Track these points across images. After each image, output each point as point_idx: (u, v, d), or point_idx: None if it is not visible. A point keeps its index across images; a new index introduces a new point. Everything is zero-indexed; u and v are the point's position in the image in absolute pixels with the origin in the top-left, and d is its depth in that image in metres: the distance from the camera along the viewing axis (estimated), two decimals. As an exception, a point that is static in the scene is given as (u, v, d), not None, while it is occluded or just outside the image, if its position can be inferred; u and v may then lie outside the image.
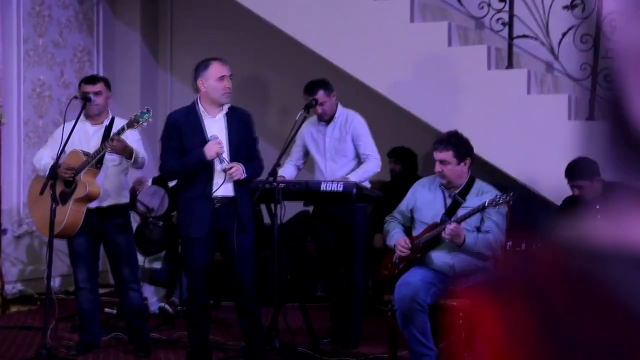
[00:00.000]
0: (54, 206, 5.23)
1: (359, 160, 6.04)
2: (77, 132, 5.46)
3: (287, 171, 6.19)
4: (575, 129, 6.26)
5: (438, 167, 5.08)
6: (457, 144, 5.11)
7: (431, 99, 6.66)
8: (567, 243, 0.93)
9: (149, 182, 7.15)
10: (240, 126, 5.12)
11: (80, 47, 8.45)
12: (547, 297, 0.91)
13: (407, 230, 5.28)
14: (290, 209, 6.41)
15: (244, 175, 4.99)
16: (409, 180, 7.04)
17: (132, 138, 5.46)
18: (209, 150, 4.93)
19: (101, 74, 8.48)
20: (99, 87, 5.66)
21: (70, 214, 5.44)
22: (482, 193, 5.10)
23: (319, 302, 7.33)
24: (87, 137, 5.59)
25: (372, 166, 6.00)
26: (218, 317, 7.05)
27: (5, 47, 7.68)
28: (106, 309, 6.87)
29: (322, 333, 6.10)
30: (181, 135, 5.06)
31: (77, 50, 8.42)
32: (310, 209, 7.14)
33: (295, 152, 6.24)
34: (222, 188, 4.96)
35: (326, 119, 6.07)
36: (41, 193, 5.33)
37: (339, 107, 6.09)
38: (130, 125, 5.15)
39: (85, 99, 5.52)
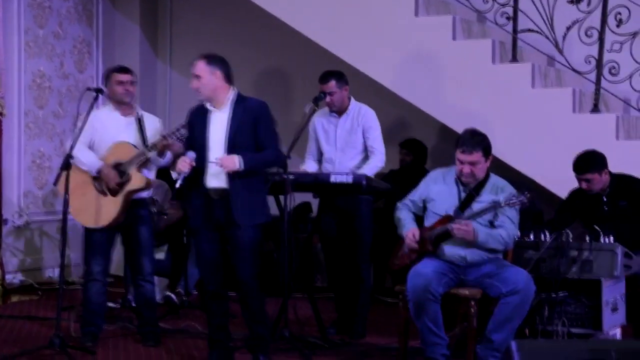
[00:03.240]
0: (67, 196, 5.25)
1: (367, 153, 6.09)
2: (109, 121, 5.51)
3: (309, 166, 6.22)
4: (580, 122, 6.34)
5: (467, 169, 5.10)
6: (483, 142, 5.15)
7: (436, 92, 6.71)
8: None
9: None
10: (246, 117, 5.02)
11: (80, 38, 8.44)
12: None
13: (419, 219, 5.32)
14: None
15: (238, 167, 4.90)
16: (417, 172, 7.12)
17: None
18: (178, 164, 4.97)
19: (100, 65, 8.50)
20: (132, 76, 5.73)
21: (122, 205, 5.50)
22: (497, 189, 5.15)
23: (320, 292, 7.38)
24: (119, 127, 5.63)
25: (377, 161, 6.07)
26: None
27: (6, 38, 7.66)
28: (110, 303, 6.89)
29: (327, 323, 6.15)
30: (192, 128, 5.10)
31: (76, 41, 8.40)
32: (312, 200, 7.20)
33: (312, 146, 6.27)
34: (216, 180, 4.97)
35: (335, 110, 6.11)
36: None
37: (352, 101, 6.14)
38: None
39: (99, 91, 5.54)
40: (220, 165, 4.91)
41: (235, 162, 4.90)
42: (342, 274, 6.23)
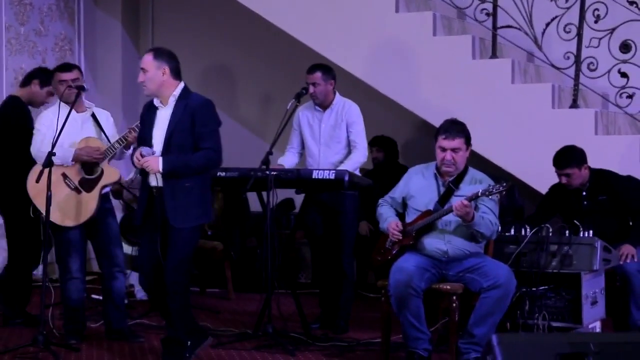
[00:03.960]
0: (49, 193, 5.24)
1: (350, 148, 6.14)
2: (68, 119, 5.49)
3: (288, 159, 6.26)
4: (559, 117, 6.40)
5: (449, 156, 5.14)
6: (464, 130, 5.21)
7: (416, 88, 6.76)
8: None
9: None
10: (186, 115, 4.84)
11: (62, 35, 8.43)
12: None
13: (400, 217, 5.37)
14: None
15: (159, 168, 4.77)
16: (391, 168, 7.17)
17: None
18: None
19: (82, 62, 8.50)
20: (76, 73, 5.71)
21: (99, 199, 5.54)
22: (476, 181, 5.20)
23: (303, 288, 7.42)
24: (77, 125, 5.62)
25: (360, 156, 6.11)
26: (205, 304, 7.13)
27: (-13, 35, 7.66)
28: (93, 295, 6.90)
29: (310, 319, 6.19)
30: (142, 124, 5.05)
31: (58, 38, 8.40)
32: (295, 196, 7.24)
33: (295, 139, 6.31)
34: (155, 178, 4.88)
35: (318, 103, 6.15)
36: (37, 181, 5.33)
37: (337, 96, 6.18)
38: None
39: (80, 88, 5.54)
40: (143, 167, 4.81)
41: (158, 163, 4.78)
42: (327, 270, 6.27)
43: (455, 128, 5.18)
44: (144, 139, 4.96)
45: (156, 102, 4.96)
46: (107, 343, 5.72)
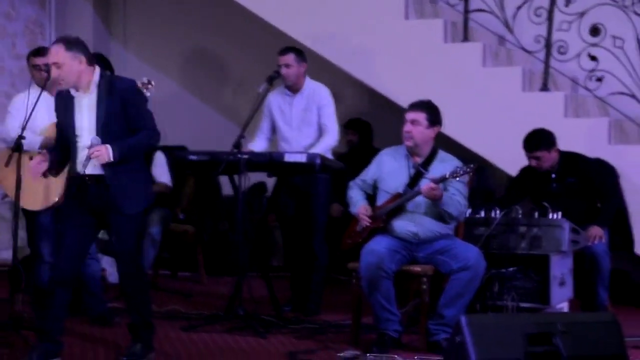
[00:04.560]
0: (20, 177, 5.19)
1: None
2: (41, 102, 5.43)
3: (259, 144, 6.25)
4: (530, 100, 6.44)
5: (408, 127, 5.20)
6: (431, 108, 5.26)
7: (388, 71, 6.77)
8: None
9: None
10: (114, 101, 4.63)
11: (32, 18, 8.35)
12: None
13: (370, 199, 5.39)
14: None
15: (110, 158, 4.58)
16: (366, 152, 7.17)
17: None
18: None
19: (53, 45, 8.40)
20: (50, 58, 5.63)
21: (66, 182, 5.47)
22: (445, 163, 5.23)
23: (275, 271, 7.44)
24: (52, 109, 5.56)
25: (330, 139, 6.12)
26: (176, 287, 7.14)
27: (-44, 19, 7.58)
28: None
29: (282, 302, 6.21)
30: (58, 114, 4.85)
31: (29, 22, 8.32)
32: (267, 180, 7.24)
33: (265, 124, 6.30)
34: (91, 166, 4.68)
35: (290, 85, 6.15)
36: (7, 165, 5.29)
37: (308, 79, 6.18)
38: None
39: (49, 72, 5.49)
40: (92, 157, 4.60)
41: (109, 152, 4.58)
42: (298, 253, 6.29)
43: (420, 103, 5.26)
44: (66, 128, 4.74)
45: (72, 90, 4.73)
46: (80, 328, 5.69)
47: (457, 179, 5.08)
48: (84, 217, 4.74)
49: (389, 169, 5.32)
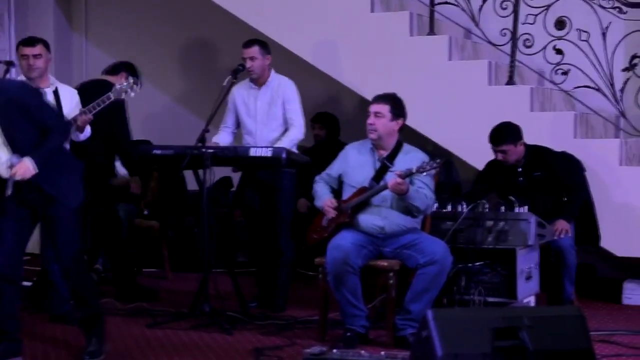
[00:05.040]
0: None
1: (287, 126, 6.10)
2: None
3: (223, 138, 6.19)
4: (496, 94, 6.43)
5: (371, 119, 5.18)
6: (395, 101, 5.24)
7: (354, 64, 6.74)
8: None
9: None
10: (10, 109, 4.44)
11: (-8, 10, 8.23)
12: None
13: (336, 194, 5.35)
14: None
15: (33, 171, 4.48)
16: (332, 146, 7.12)
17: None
18: None
19: (13, 37, 8.28)
20: (38, 49, 5.53)
21: None
22: (410, 157, 5.21)
23: (241, 267, 7.38)
24: None
25: (296, 133, 6.07)
26: (141, 284, 7.04)
27: None
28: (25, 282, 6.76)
29: (248, 298, 6.16)
30: None
31: (-12, 13, 8.20)
32: (233, 174, 7.18)
33: (229, 117, 6.24)
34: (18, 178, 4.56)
35: (255, 78, 6.09)
36: None
37: (273, 72, 6.13)
38: (117, 95, 5.00)
39: (8, 63, 5.39)
40: (17, 177, 4.49)
41: (29, 167, 4.48)
42: (264, 248, 6.24)
43: (384, 95, 5.25)
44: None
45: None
46: (41, 327, 5.59)
47: (424, 173, 5.05)
48: (20, 210, 4.66)
49: (354, 163, 5.28)
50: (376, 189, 5.11)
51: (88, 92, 5.77)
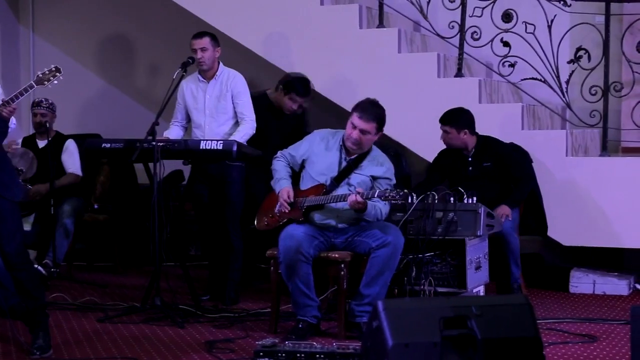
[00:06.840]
0: None
1: (237, 120, 6.09)
2: None
3: (173, 132, 6.16)
4: (445, 86, 6.49)
5: (356, 135, 5.10)
6: (380, 117, 5.16)
7: (304, 57, 6.74)
8: None
9: (19, 144, 6.97)
10: None
11: (-64, 3, 8.08)
12: None
13: (295, 176, 5.32)
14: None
15: None
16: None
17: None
18: None
19: (-42, 32, 8.14)
20: None
21: None
22: (378, 163, 5.20)
23: (193, 261, 7.37)
24: None
25: (248, 128, 6.06)
26: (93, 279, 7.00)
27: None
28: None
29: (200, 291, 6.15)
30: None
31: None
32: (185, 168, 7.14)
33: (179, 112, 6.21)
34: None
35: (204, 70, 6.07)
36: None
37: (221, 65, 6.11)
38: (39, 82, 4.95)
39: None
40: None
41: None
42: (215, 241, 6.23)
43: (373, 112, 5.13)
44: None
45: None
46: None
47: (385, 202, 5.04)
48: None
49: (320, 155, 5.25)
50: (334, 198, 5.10)
51: None
